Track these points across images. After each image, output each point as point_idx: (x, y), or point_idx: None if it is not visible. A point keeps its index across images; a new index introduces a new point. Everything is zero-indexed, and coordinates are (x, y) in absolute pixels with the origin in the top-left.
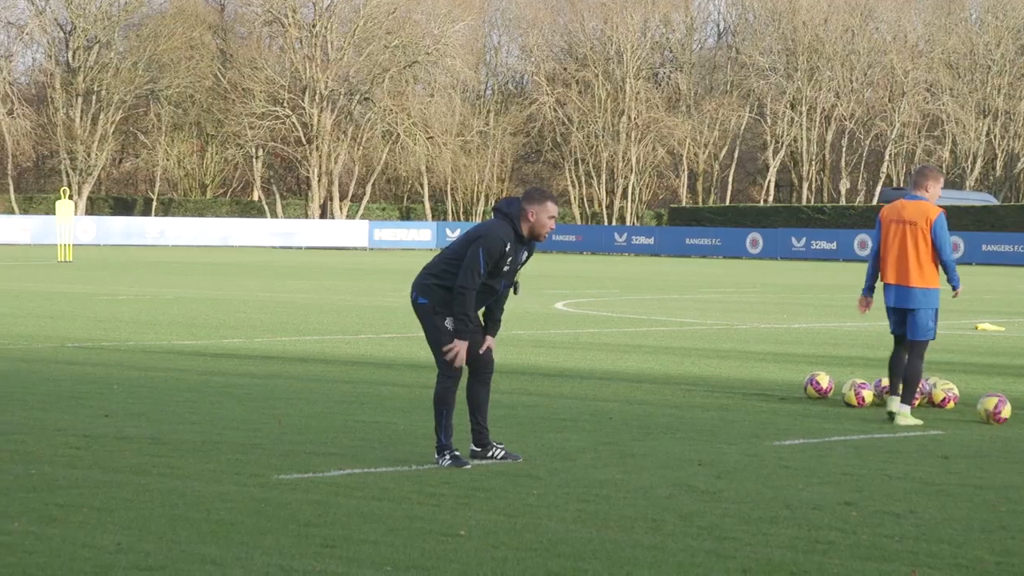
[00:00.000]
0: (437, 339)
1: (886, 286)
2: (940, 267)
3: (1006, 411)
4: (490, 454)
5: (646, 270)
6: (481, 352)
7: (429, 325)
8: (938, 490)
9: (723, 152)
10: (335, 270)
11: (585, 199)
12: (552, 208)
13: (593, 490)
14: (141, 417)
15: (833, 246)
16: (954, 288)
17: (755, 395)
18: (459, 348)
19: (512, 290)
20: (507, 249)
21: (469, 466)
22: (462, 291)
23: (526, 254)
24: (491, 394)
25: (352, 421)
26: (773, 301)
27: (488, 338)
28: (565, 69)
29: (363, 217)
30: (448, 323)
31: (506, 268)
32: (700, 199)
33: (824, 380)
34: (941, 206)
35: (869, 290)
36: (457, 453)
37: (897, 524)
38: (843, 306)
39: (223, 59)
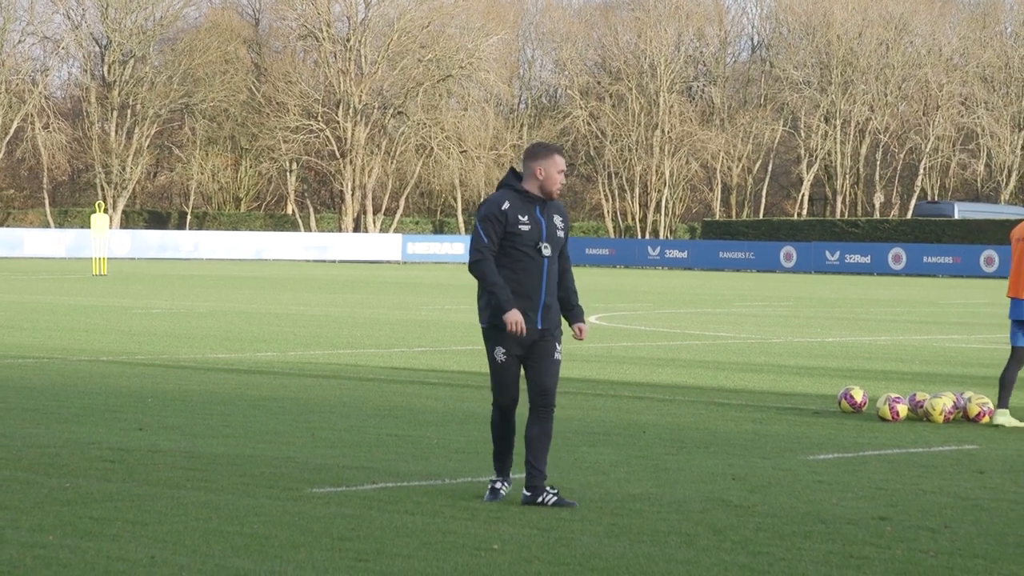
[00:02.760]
0: (489, 365)
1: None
2: None
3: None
4: (540, 499)
5: (679, 284)
6: (578, 337)
7: (487, 349)
8: (973, 505)
9: (757, 166)
10: (368, 284)
11: (618, 213)
12: (560, 161)
13: (626, 504)
14: (175, 430)
15: (867, 260)
16: None
17: (789, 409)
18: (512, 318)
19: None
20: (505, 208)
21: (496, 501)
22: (475, 266)
23: (558, 218)
24: (524, 408)
25: (385, 435)
26: (807, 315)
27: (579, 326)
28: (599, 83)
29: (396, 231)
30: (496, 353)
31: (526, 227)
32: (734, 212)
33: (858, 394)
34: (974, 219)
35: None
36: (496, 486)
37: (932, 539)
38: (877, 320)
39: (257, 73)
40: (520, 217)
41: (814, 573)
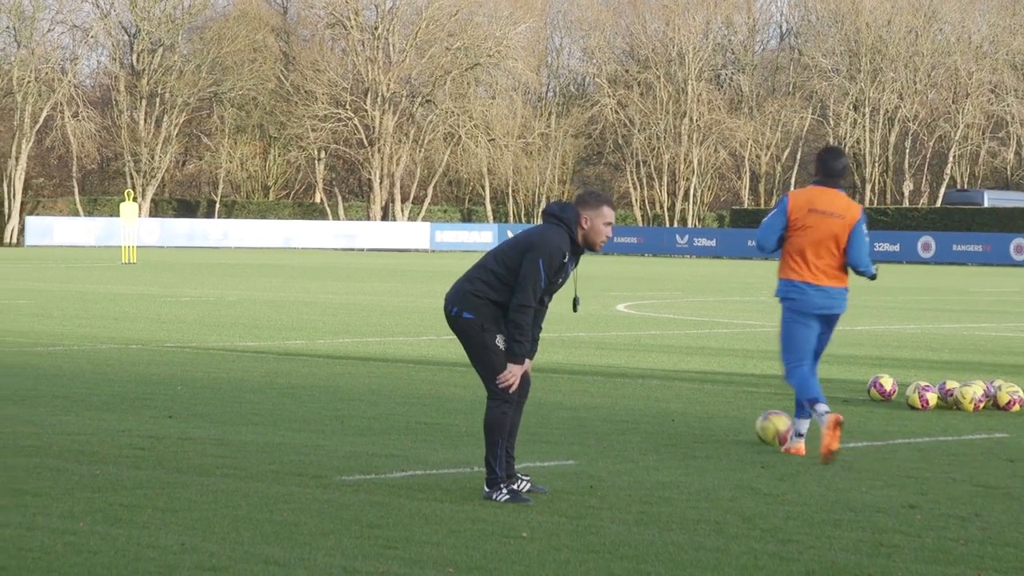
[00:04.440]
0: (488, 359)
1: None
2: None
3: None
4: (515, 487)
5: (708, 272)
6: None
7: (477, 344)
8: (1004, 493)
9: (785, 154)
10: (397, 272)
11: (647, 201)
12: (608, 214)
13: (655, 492)
14: (204, 418)
15: (896, 248)
16: None
17: None
18: (516, 374)
19: (572, 307)
20: (565, 260)
21: (531, 502)
22: (521, 309)
23: (574, 265)
24: (553, 396)
25: (414, 422)
26: None
27: (527, 361)
28: (627, 71)
29: (425, 219)
30: (499, 341)
31: (561, 281)
32: (762, 201)
33: (888, 382)
34: (1004, 208)
35: None
36: (515, 487)
37: (962, 527)
38: (906, 308)
39: (286, 62)
40: (566, 271)
41: (844, 561)
